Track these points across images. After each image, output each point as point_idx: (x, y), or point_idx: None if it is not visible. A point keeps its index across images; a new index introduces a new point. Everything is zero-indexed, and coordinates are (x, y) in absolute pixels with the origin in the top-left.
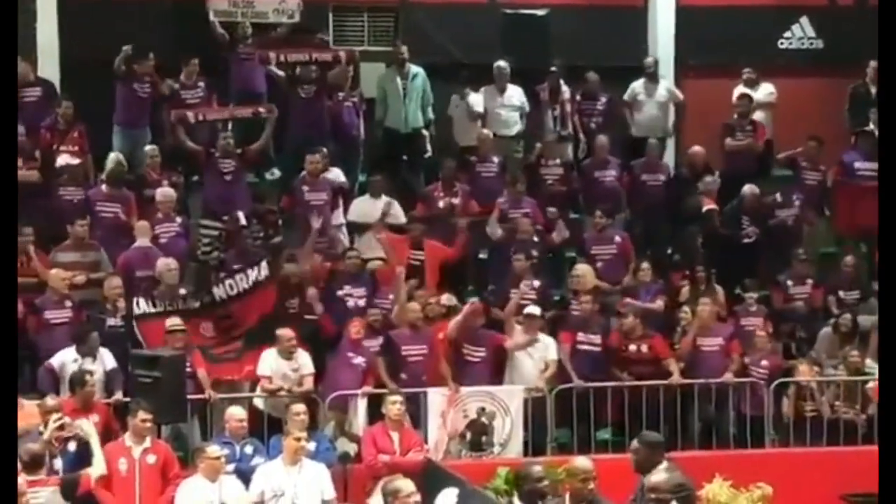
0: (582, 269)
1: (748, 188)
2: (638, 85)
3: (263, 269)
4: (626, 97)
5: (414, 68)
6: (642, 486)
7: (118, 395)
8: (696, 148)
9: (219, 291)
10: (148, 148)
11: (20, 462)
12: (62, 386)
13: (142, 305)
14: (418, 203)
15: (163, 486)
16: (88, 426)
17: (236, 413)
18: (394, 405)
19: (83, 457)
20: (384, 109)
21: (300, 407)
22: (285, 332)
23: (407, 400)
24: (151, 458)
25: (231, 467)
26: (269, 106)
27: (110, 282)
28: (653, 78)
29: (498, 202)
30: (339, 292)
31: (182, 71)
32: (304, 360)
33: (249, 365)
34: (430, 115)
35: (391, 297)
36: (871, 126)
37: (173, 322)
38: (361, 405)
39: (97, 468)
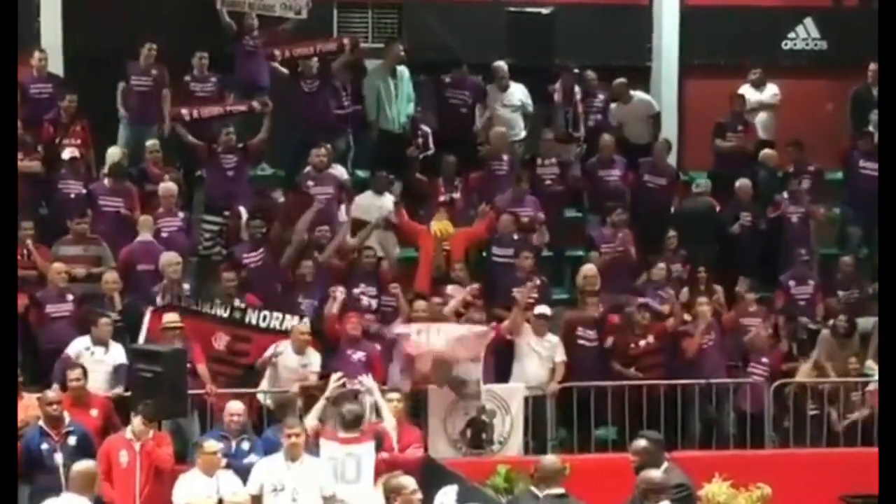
0: (591, 269)
1: (740, 183)
2: (614, 108)
3: (305, 325)
4: (612, 121)
5: (400, 67)
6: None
7: (118, 390)
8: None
9: (252, 315)
10: (149, 143)
11: (341, 420)
12: None
13: (167, 299)
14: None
15: (160, 478)
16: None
17: (232, 408)
18: (390, 402)
19: (83, 449)
20: (377, 110)
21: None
22: (300, 326)
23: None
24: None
25: (224, 462)
26: (263, 100)
27: (107, 276)
28: (626, 100)
29: (500, 199)
30: (355, 290)
31: (193, 64)
32: (314, 359)
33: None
34: (411, 111)
35: (394, 291)
36: (871, 128)
37: (171, 318)
38: (368, 400)
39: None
